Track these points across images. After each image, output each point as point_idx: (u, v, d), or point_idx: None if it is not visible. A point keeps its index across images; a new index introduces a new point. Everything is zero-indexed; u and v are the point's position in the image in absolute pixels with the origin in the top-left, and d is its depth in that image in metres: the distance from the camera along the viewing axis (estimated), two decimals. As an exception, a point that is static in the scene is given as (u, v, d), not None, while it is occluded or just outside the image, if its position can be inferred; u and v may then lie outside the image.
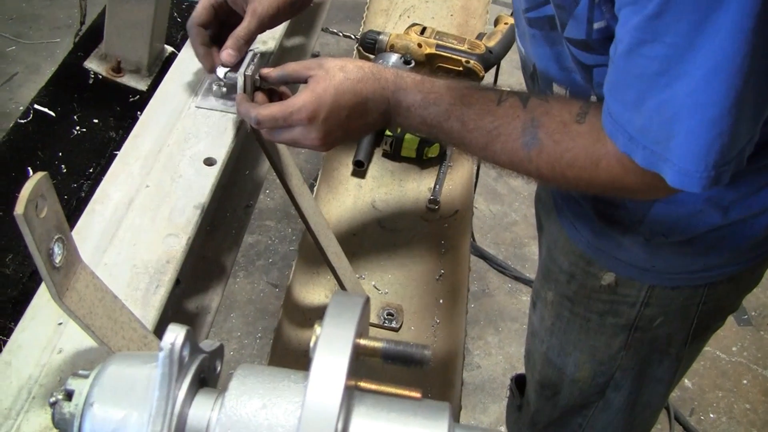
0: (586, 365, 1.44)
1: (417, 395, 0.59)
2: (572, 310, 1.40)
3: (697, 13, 0.82)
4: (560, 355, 1.48)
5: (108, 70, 1.71)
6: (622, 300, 1.32)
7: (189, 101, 1.26)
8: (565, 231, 1.35)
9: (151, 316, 0.94)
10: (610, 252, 1.29)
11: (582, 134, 1.00)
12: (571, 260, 1.36)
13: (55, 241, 0.68)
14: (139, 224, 1.04)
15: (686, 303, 1.31)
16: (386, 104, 1.10)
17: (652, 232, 1.22)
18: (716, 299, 1.32)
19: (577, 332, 1.42)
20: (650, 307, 1.31)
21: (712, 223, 1.17)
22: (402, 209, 1.70)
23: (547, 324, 1.48)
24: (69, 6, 3.97)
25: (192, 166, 1.14)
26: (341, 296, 0.58)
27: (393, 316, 1.48)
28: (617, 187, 1.02)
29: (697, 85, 0.86)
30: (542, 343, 1.52)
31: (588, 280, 1.34)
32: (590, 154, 0.99)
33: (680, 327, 1.36)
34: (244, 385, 0.57)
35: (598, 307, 1.36)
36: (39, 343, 0.89)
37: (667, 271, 1.27)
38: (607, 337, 1.38)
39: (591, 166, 0.99)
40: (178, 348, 0.56)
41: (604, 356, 1.41)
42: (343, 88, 1.07)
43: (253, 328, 2.79)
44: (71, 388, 0.61)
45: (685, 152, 0.90)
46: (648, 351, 1.39)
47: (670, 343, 1.38)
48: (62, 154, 1.52)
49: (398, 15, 2.18)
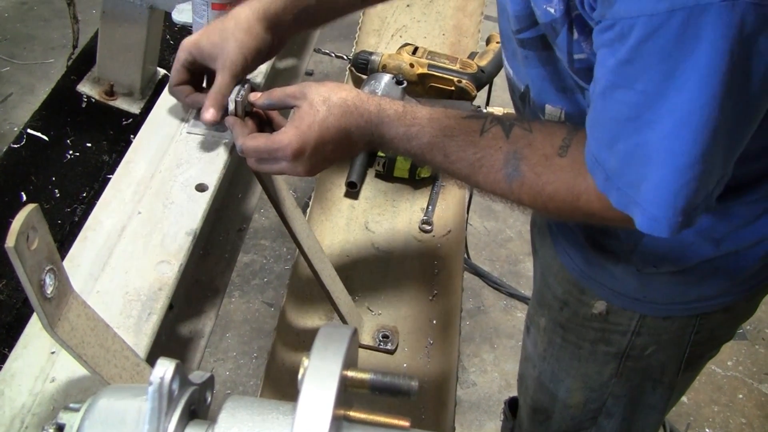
0: (578, 392, 1.44)
1: (406, 424, 0.59)
2: (564, 337, 1.40)
3: (666, 62, 0.84)
4: (552, 381, 1.48)
5: (101, 93, 1.72)
6: (613, 328, 1.32)
7: (181, 126, 1.26)
8: (559, 258, 1.35)
9: (144, 343, 0.95)
10: (601, 280, 1.28)
11: (564, 168, 1.01)
12: (564, 287, 1.35)
13: (47, 272, 0.69)
14: (131, 251, 1.05)
15: (679, 333, 1.30)
16: (370, 136, 1.11)
17: (643, 262, 1.21)
18: (710, 329, 1.31)
19: (568, 359, 1.42)
20: (642, 337, 1.30)
21: (704, 254, 1.17)
22: (395, 230, 1.70)
23: (540, 350, 1.48)
24: (63, 27, 3.98)
25: (184, 192, 1.14)
26: (329, 328, 0.58)
27: (388, 338, 1.48)
28: (598, 220, 1.03)
29: (667, 133, 0.87)
30: (534, 368, 1.51)
31: (580, 308, 1.33)
32: (571, 187, 1.00)
33: (673, 356, 1.35)
34: (234, 417, 0.58)
35: (590, 335, 1.35)
36: (32, 371, 0.89)
37: (659, 302, 1.27)
38: (599, 365, 1.38)
39: (572, 199, 1.01)
40: (167, 382, 0.56)
41: (596, 383, 1.41)
42: (327, 124, 1.08)
43: (249, 348, 2.78)
44: (62, 422, 0.62)
45: (653, 198, 0.91)
46: (640, 379, 1.39)
47: (663, 371, 1.37)
48: (55, 179, 1.52)
49: (390, 35, 2.20)
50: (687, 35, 0.81)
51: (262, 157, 1.11)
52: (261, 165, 1.13)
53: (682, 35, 0.82)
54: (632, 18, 0.85)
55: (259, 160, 1.12)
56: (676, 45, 0.82)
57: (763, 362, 2.89)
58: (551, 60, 1.11)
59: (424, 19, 2.26)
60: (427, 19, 2.25)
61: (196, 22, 1.36)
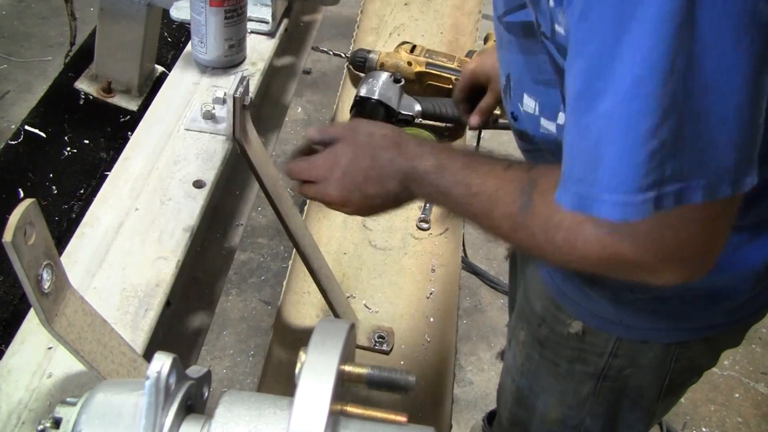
0: (555, 408, 1.41)
1: (403, 419, 0.59)
2: (542, 354, 1.37)
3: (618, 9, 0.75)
4: (530, 396, 1.45)
5: (99, 90, 1.72)
6: (589, 349, 1.28)
7: (178, 123, 1.27)
8: (539, 275, 1.31)
9: (141, 339, 0.95)
10: (578, 301, 1.24)
11: None
12: (543, 304, 1.32)
13: (44, 267, 0.69)
14: (129, 248, 1.05)
15: (657, 360, 1.25)
16: (403, 174, 1.08)
17: (620, 288, 1.16)
18: (690, 358, 1.27)
19: (545, 375, 1.39)
20: (619, 359, 1.26)
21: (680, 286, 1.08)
22: (392, 228, 1.70)
23: (518, 363, 1.45)
24: (61, 24, 3.97)
25: (181, 189, 1.14)
26: (326, 322, 0.59)
27: (384, 339, 1.48)
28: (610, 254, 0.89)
29: (620, 99, 0.77)
30: (513, 382, 1.49)
31: (557, 326, 1.30)
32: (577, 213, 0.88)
33: (652, 382, 1.30)
34: (231, 412, 0.58)
35: (567, 354, 1.32)
36: (29, 367, 0.89)
37: (635, 326, 1.22)
38: (576, 384, 1.34)
39: (577, 227, 0.89)
40: (164, 376, 0.56)
41: (573, 401, 1.37)
42: (361, 153, 1.09)
43: (246, 346, 2.78)
44: (59, 416, 0.62)
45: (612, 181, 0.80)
46: (618, 398, 1.34)
47: (642, 395, 1.33)
48: (53, 176, 1.52)
49: (388, 33, 2.20)
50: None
51: (301, 176, 1.13)
52: (302, 189, 1.14)
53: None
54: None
55: (302, 185, 1.14)
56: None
57: (759, 362, 2.89)
58: (532, 49, 1.06)
59: (422, 17, 2.26)
60: (425, 18, 2.25)
61: (194, 19, 1.36)
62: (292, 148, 1.19)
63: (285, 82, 1.79)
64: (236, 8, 1.35)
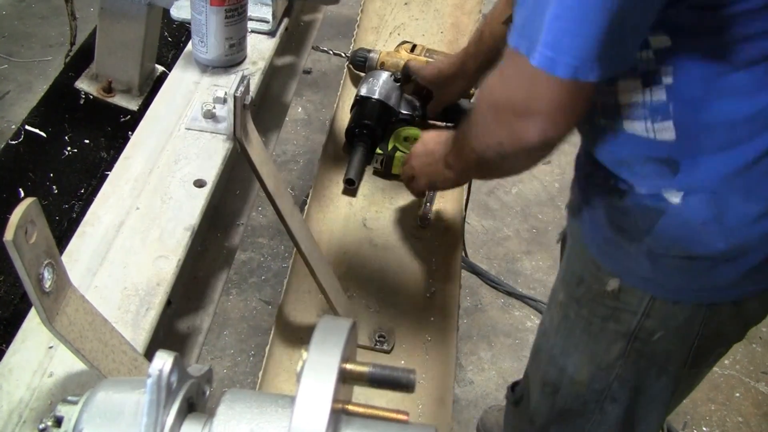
0: (585, 368, 1.47)
1: (404, 418, 0.59)
2: (578, 312, 1.43)
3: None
4: (563, 355, 1.51)
5: (99, 90, 1.72)
6: (624, 307, 1.34)
7: (179, 122, 1.26)
8: (581, 235, 1.39)
9: (142, 338, 0.95)
10: (617, 258, 1.32)
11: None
12: (583, 264, 1.40)
13: (45, 266, 0.69)
14: (130, 246, 1.05)
15: (687, 322, 1.32)
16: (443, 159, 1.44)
17: (656, 244, 1.24)
18: (718, 323, 1.33)
19: (579, 334, 1.45)
20: (651, 319, 1.33)
21: (713, 245, 1.19)
22: (393, 227, 1.70)
23: (555, 323, 1.52)
24: (61, 24, 3.98)
25: (182, 188, 1.14)
26: (328, 321, 0.59)
27: (385, 338, 1.48)
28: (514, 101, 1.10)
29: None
30: (548, 341, 1.56)
31: (595, 284, 1.37)
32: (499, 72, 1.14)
33: (680, 346, 1.37)
34: (232, 410, 0.58)
35: (601, 312, 1.39)
36: (30, 366, 0.89)
37: (669, 285, 1.29)
38: (607, 343, 1.41)
39: (499, 82, 1.14)
40: (165, 374, 0.56)
41: (603, 362, 1.44)
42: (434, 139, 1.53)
43: (246, 346, 2.78)
44: (60, 415, 0.62)
45: (546, 38, 0.99)
46: (646, 364, 1.41)
47: (669, 360, 1.40)
48: (53, 175, 1.52)
49: (388, 32, 2.20)
50: None
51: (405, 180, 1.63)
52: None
53: None
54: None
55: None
56: None
57: (760, 361, 2.89)
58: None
59: (422, 16, 2.26)
60: (425, 17, 2.25)
61: (194, 18, 1.36)
62: (292, 148, 1.21)
63: (285, 82, 1.79)
64: (237, 7, 1.35)
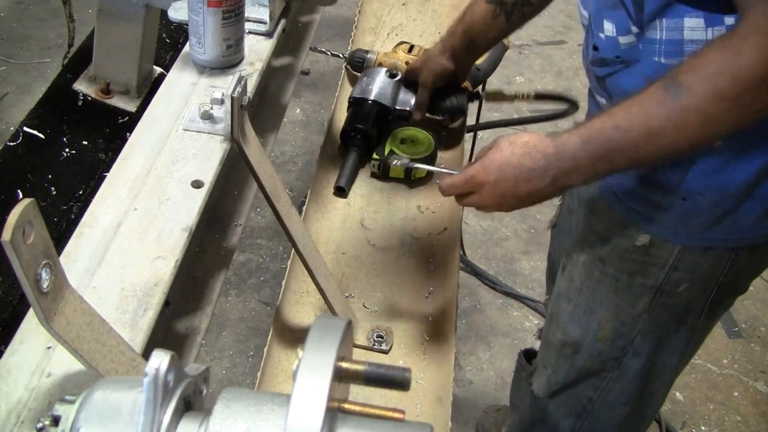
0: (609, 324, 1.53)
1: (400, 416, 0.60)
2: (603, 270, 1.49)
3: None
4: (586, 313, 1.56)
5: (97, 91, 1.72)
6: (653, 261, 1.41)
7: (177, 123, 1.27)
8: (605, 199, 1.44)
9: (140, 338, 0.95)
10: (648, 214, 1.38)
11: (715, 45, 1.05)
12: (607, 225, 1.45)
13: (43, 267, 0.69)
14: (128, 247, 1.05)
15: (711, 270, 1.40)
16: (553, 171, 1.20)
17: (689, 190, 1.30)
18: (735, 272, 1.41)
19: (605, 291, 1.50)
20: (678, 272, 1.40)
21: (742, 177, 1.27)
22: (391, 227, 1.71)
23: (577, 284, 1.56)
24: (59, 26, 3.98)
25: (180, 189, 1.14)
26: (323, 320, 0.59)
27: (383, 338, 1.48)
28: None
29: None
30: (569, 302, 1.60)
31: (622, 242, 1.43)
32: (728, 47, 1.03)
33: (701, 296, 1.45)
34: (229, 409, 0.58)
35: (629, 267, 1.44)
36: (28, 366, 0.89)
37: (700, 232, 1.36)
38: (634, 297, 1.47)
39: (734, 58, 1.02)
40: (162, 373, 0.57)
41: (627, 317, 1.50)
42: (507, 161, 1.23)
43: (245, 347, 2.79)
44: (58, 414, 0.62)
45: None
46: (668, 318, 1.48)
47: (688, 311, 1.48)
48: (52, 177, 1.53)
49: (386, 33, 2.20)
50: None
51: (457, 191, 1.31)
52: (460, 200, 1.33)
53: None
54: None
55: (458, 197, 1.32)
56: None
57: (758, 360, 2.90)
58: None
59: (419, 17, 2.26)
60: (423, 18, 2.26)
61: (192, 19, 1.36)
62: (290, 149, 1.21)
63: (283, 83, 1.80)
64: (234, 9, 1.35)
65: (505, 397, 2.52)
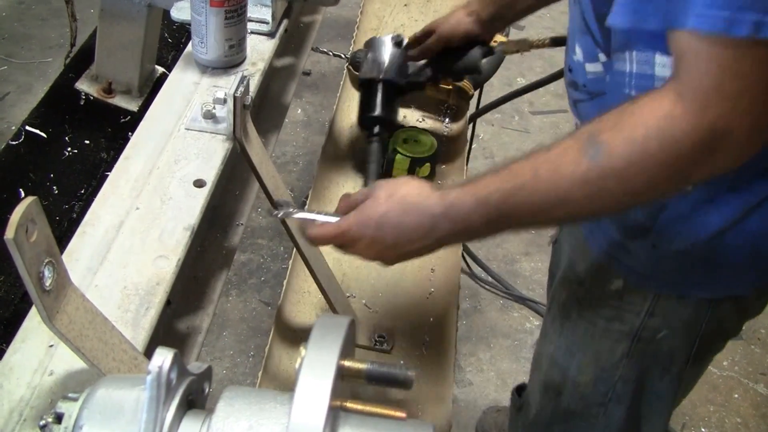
0: (589, 368, 1.45)
1: (402, 415, 0.60)
2: (580, 313, 1.43)
3: None
4: (565, 356, 1.50)
5: (99, 91, 1.73)
6: (628, 307, 1.33)
7: (179, 123, 1.27)
8: (583, 236, 1.38)
9: (142, 337, 0.95)
10: (620, 258, 1.30)
11: (644, 105, 0.93)
12: (586, 265, 1.39)
13: (46, 265, 0.69)
14: (130, 246, 1.05)
15: (690, 319, 1.31)
16: (438, 231, 1.07)
17: (660, 238, 1.22)
18: (719, 320, 1.32)
19: (582, 334, 1.44)
20: (655, 318, 1.31)
21: (713, 226, 1.17)
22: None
23: (557, 325, 1.51)
24: (61, 26, 3.98)
25: (182, 188, 1.15)
26: (326, 319, 0.59)
27: (384, 338, 1.48)
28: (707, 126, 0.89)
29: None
30: (551, 344, 1.54)
31: (598, 285, 1.36)
32: (659, 112, 0.90)
33: (683, 344, 1.36)
34: (231, 407, 0.58)
35: (605, 312, 1.38)
36: (30, 365, 0.89)
37: (673, 280, 1.28)
38: (611, 342, 1.39)
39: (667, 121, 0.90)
40: (165, 371, 0.57)
41: (607, 362, 1.42)
42: (384, 218, 1.08)
43: (246, 347, 2.78)
44: (61, 411, 0.62)
45: None
46: (650, 363, 1.40)
47: (672, 359, 1.38)
48: (54, 176, 1.53)
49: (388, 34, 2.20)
50: None
51: (328, 244, 1.15)
52: (337, 250, 1.16)
53: None
54: None
55: (336, 247, 1.16)
56: None
57: (758, 362, 2.89)
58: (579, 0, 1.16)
59: (421, 18, 2.26)
60: (425, 19, 2.26)
61: (194, 19, 1.36)
62: (291, 150, 1.21)
63: (285, 83, 1.80)
64: (236, 8, 1.36)
65: (505, 398, 2.52)
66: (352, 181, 1.79)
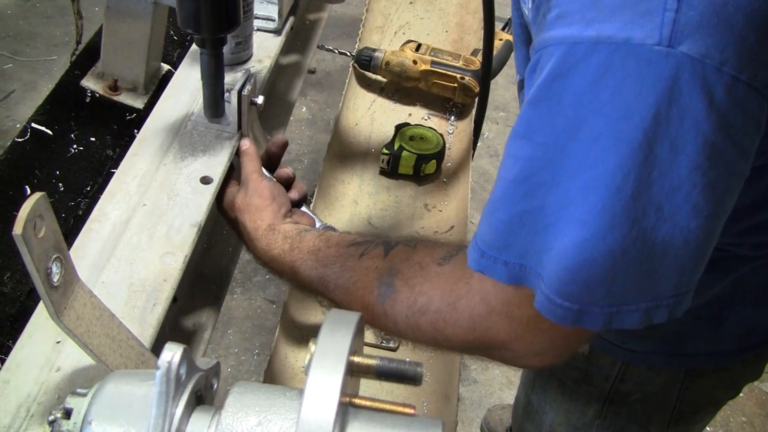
0: (561, 427, 1.40)
1: (411, 411, 0.59)
2: (551, 371, 1.37)
3: (575, 109, 0.70)
4: (538, 412, 1.45)
5: (105, 88, 1.72)
6: (596, 371, 1.27)
7: (185, 120, 1.27)
8: None
9: (149, 333, 0.95)
10: None
11: (440, 275, 0.89)
12: None
13: (53, 261, 0.69)
14: (137, 243, 1.05)
15: (665, 387, 1.23)
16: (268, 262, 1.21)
17: None
18: (704, 387, 1.24)
19: (554, 392, 1.39)
20: (625, 383, 1.24)
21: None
22: (397, 225, 1.71)
23: (531, 378, 1.47)
24: (66, 24, 3.99)
25: (188, 185, 1.15)
26: (336, 314, 0.59)
27: (390, 336, 1.49)
28: (480, 335, 0.85)
29: (570, 198, 0.72)
30: (526, 396, 1.51)
31: None
32: (447, 294, 0.87)
33: (660, 409, 1.27)
34: (241, 402, 0.58)
35: (574, 374, 1.32)
36: (37, 361, 0.89)
37: (641, 351, 1.19)
38: (582, 404, 1.33)
39: (447, 308, 0.86)
40: (174, 366, 0.57)
41: (579, 422, 1.36)
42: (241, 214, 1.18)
43: (251, 345, 2.79)
44: (70, 407, 0.62)
45: (550, 273, 0.74)
46: (625, 423, 1.32)
47: (650, 421, 1.30)
48: (60, 173, 1.52)
49: (393, 32, 2.20)
50: (606, 78, 0.67)
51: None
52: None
53: (601, 77, 0.67)
54: (555, 45, 0.71)
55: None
56: (591, 88, 0.68)
57: (764, 361, 2.89)
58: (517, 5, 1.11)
59: (427, 16, 2.26)
60: (430, 17, 2.26)
61: (200, 16, 1.36)
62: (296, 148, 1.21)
63: (291, 80, 1.80)
64: (243, 6, 1.35)
65: (510, 396, 2.52)
66: (357, 179, 1.79)
